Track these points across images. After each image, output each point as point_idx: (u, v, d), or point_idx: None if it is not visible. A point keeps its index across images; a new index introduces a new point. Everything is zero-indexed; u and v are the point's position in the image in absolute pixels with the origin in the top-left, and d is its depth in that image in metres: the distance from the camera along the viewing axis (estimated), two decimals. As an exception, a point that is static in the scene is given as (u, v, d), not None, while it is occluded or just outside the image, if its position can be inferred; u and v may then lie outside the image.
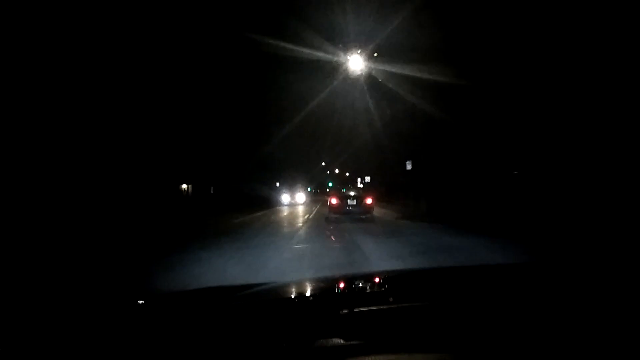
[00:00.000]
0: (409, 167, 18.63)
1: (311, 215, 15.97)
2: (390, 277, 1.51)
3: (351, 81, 18.31)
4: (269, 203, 24.74)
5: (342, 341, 0.76)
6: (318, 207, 22.32)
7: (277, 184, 39.05)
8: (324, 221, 13.04)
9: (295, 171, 59.49)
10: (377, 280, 1.42)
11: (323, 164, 64.77)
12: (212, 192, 34.82)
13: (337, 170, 67.95)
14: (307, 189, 69.10)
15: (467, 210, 12.94)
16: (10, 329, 0.86)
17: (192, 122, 23.58)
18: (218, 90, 27.49)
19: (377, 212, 17.08)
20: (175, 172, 24.10)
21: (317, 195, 61.77)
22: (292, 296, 1.22)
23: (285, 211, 19.71)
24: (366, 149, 28.81)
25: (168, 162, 21.39)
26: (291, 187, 27.71)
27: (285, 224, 12.66)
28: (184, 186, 29.66)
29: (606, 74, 9.39)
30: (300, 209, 20.81)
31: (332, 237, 8.98)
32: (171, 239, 9.15)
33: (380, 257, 6.03)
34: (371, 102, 19.17)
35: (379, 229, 10.53)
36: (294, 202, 24.42)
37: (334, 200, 12.98)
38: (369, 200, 12.84)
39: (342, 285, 1.37)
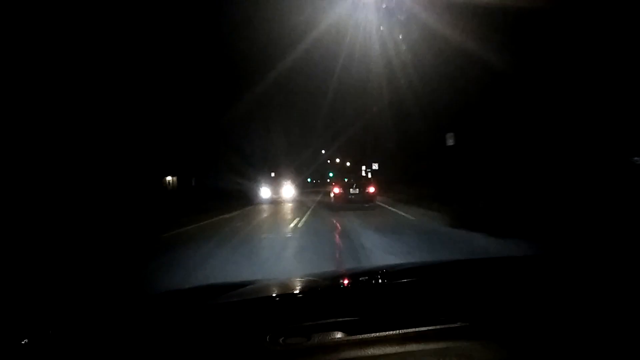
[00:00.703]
0: (450, 142, 12.37)
1: (301, 223, 9.40)
2: (393, 272, 1.42)
3: (363, 13, 11.94)
4: (250, 198, 18.57)
5: (340, 335, 0.75)
6: (316, 202, 16.21)
7: (272, 174, 33.11)
8: (327, 239, 6.89)
9: (291, 161, 53.55)
10: (377, 276, 1.33)
11: (323, 151, 58.88)
12: (193, 184, 30.76)
13: (337, 160, 64.09)
14: (306, 180, 63.45)
15: (547, 211, 7.46)
16: None
17: (175, 110, 21.62)
18: (195, 60, 23.90)
19: (408, 212, 10.94)
20: (158, 163, 21.87)
21: (317, 186, 55.91)
22: (292, 292, 1.18)
23: (265, 211, 13.50)
24: (376, 126, 22.53)
25: (149, 152, 19.22)
26: (279, 178, 21.44)
27: (253, 245, 6.40)
28: (169, 178, 27.58)
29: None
30: (289, 209, 14.51)
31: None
32: None
33: None
34: (396, 44, 12.76)
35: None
36: (279, 197, 18.04)
37: (336, 190, 13.16)
38: (371, 189, 12.85)
39: (341, 281, 1.33)
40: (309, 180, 63.49)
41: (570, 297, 0.89)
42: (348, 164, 52.52)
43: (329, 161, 63.69)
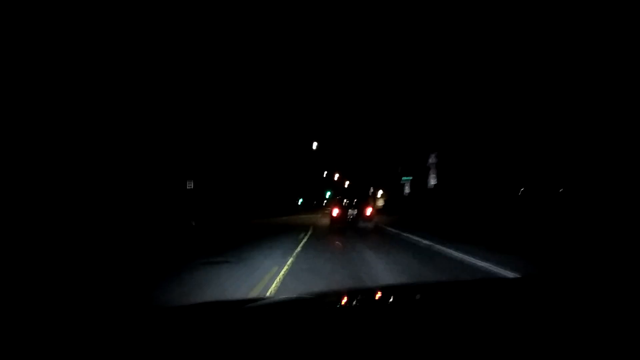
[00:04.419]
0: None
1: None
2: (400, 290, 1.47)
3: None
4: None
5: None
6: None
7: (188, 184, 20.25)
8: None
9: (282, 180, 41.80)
10: (385, 294, 1.36)
11: (314, 147, 47.25)
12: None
13: (337, 176, 54.30)
14: (295, 203, 50.82)
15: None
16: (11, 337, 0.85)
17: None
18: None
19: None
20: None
21: (311, 211, 44.02)
22: (304, 311, 1.08)
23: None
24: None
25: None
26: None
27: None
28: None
29: None
30: None
31: None
32: None
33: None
34: None
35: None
36: None
37: (335, 211, 13.56)
38: (369, 210, 13.36)
39: (346, 299, 1.31)
40: (300, 201, 51.38)
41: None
42: (348, 182, 46.70)
43: (325, 172, 53.01)
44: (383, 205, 34.81)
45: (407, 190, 19.69)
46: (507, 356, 0.67)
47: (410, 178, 20.13)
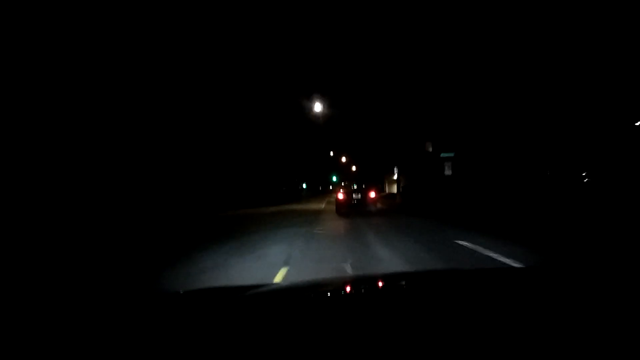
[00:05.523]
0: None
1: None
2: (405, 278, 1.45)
3: None
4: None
5: (351, 342, 0.72)
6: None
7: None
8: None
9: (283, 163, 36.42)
10: (390, 281, 1.35)
11: (318, 111, 41.93)
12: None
13: (343, 159, 52.07)
14: (299, 186, 45.68)
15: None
16: (17, 326, 0.85)
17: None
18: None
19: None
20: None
21: (315, 198, 38.88)
22: (308, 297, 1.12)
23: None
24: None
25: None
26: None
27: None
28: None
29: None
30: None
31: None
32: None
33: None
34: None
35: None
36: None
37: (340, 196, 13.72)
38: (372, 194, 13.51)
39: (351, 287, 1.28)
40: (303, 187, 46.04)
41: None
42: (354, 168, 44.93)
43: (331, 152, 48.98)
44: (400, 191, 29.39)
45: (447, 171, 14.14)
46: (510, 348, 0.64)
47: (452, 154, 14.50)
